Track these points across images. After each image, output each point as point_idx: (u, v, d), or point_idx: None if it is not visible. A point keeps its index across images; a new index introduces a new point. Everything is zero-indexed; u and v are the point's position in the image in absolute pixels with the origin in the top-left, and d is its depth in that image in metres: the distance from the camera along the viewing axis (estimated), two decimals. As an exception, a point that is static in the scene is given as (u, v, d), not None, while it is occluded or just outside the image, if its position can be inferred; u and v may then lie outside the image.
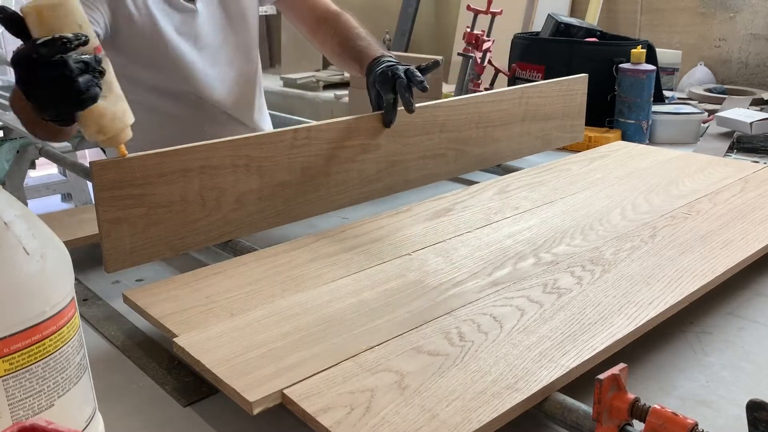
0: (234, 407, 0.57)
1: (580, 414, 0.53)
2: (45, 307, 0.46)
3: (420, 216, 0.95)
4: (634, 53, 1.49)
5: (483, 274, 0.76)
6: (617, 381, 0.50)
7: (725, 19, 2.32)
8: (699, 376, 0.65)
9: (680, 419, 0.47)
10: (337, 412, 0.52)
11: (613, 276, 0.74)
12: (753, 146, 1.46)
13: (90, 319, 0.79)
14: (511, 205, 0.98)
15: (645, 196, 1.00)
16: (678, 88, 2.19)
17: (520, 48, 1.74)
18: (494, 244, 0.84)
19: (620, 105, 1.52)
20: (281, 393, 0.55)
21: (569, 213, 0.94)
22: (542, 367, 0.58)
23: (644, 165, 1.17)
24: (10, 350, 0.44)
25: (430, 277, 0.75)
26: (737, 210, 0.93)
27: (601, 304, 0.68)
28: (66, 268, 0.49)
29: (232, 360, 0.59)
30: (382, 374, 0.57)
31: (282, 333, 0.64)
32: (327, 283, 0.75)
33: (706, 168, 1.14)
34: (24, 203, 1.09)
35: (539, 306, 0.68)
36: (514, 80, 1.73)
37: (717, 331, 0.73)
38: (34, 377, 0.46)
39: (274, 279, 0.76)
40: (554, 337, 0.62)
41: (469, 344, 0.61)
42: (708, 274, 0.74)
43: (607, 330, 0.63)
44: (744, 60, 2.30)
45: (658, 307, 0.68)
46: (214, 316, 0.68)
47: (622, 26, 2.58)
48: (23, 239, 0.45)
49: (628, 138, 1.49)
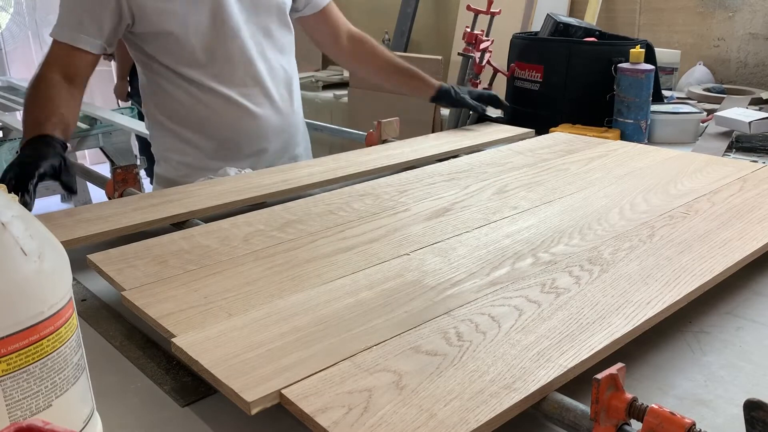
0: (232, 407, 0.57)
1: (578, 414, 0.53)
2: (43, 308, 0.46)
3: (418, 216, 0.95)
4: (632, 53, 1.49)
5: (481, 274, 0.76)
6: (615, 380, 0.50)
7: (724, 18, 2.32)
8: (697, 375, 0.65)
9: (678, 419, 0.47)
10: (335, 412, 0.52)
11: (611, 276, 0.74)
12: (752, 146, 1.46)
13: (88, 319, 0.79)
14: (509, 205, 0.98)
15: (643, 196, 1.00)
16: (677, 88, 2.19)
17: (519, 48, 1.74)
18: (492, 244, 0.84)
19: (619, 105, 1.52)
20: (279, 393, 0.55)
21: (568, 213, 0.94)
22: (540, 366, 0.58)
23: (643, 164, 1.17)
24: (8, 351, 0.44)
25: (429, 277, 0.75)
26: (736, 209, 0.93)
27: (600, 303, 0.68)
28: (64, 269, 0.49)
29: (231, 360, 0.59)
30: (380, 374, 0.57)
31: (280, 333, 0.64)
32: (325, 283, 0.75)
33: (705, 167, 1.14)
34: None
35: (537, 306, 0.68)
36: (513, 80, 1.73)
37: (715, 330, 0.73)
38: (31, 378, 0.46)
39: (272, 279, 0.76)
40: (552, 337, 0.62)
41: (467, 344, 0.61)
42: (706, 274, 0.74)
43: (605, 330, 0.63)
44: (743, 59, 2.30)
45: (656, 306, 0.68)
46: (212, 316, 0.68)
47: (621, 26, 2.58)
48: (21, 240, 0.45)
49: (627, 138, 1.49)
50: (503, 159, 1.24)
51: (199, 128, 1.38)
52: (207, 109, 1.36)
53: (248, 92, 1.38)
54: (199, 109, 1.36)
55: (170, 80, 1.34)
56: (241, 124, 1.39)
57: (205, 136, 1.38)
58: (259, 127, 1.40)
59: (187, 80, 1.33)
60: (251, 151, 1.42)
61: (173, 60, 1.31)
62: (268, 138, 1.43)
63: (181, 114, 1.37)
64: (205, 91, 1.34)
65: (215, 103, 1.35)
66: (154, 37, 1.29)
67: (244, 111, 1.38)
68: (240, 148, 1.40)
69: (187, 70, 1.32)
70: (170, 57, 1.31)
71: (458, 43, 2.60)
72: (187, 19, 1.27)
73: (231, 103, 1.36)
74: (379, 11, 3.52)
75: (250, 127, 1.40)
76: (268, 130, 1.42)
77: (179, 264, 0.81)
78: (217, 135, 1.38)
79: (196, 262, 0.81)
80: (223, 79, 1.35)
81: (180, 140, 1.40)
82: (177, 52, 1.30)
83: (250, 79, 1.37)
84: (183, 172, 1.38)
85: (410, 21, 3.27)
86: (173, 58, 1.31)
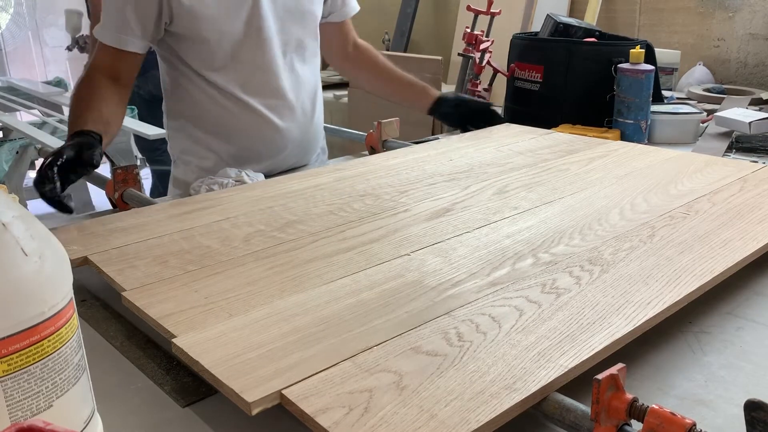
0: (233, 408, 0.57)
1: (579, 414, 0.53)
2: (43, 308, 0.46)
3: (419, 216, 0.95)
4: (632, 53, 1.49)
5: (482, 274, 0.76)
6: (615, 381, 0.50)
7: (724, 18, 2.32)
8: (697, 375, 0.65)
9: (678, 419, 0.47)
10: (336, 412, 0.52)
11: (611, 276, 0.74)
12: (752, 146, 1.46)
13: (88, 319, 0.79)
14: (510, 206, 0.98)
15: (644, 196, 1.00)
16: (677, 88, 2.19)
17: (519, 48, 1.74)
18: (493, 245, 0.84)
19: (619, 105, 1.52)
20: (280, 393, 0.55)
21: (568, 213, 0.94)
22: (541, 367, 0.58)
23: (643, 165, 1.17)
24: (9, 351, 0.44)
25: (429, 277, 0.75)
26: (736, 210, 0.93)
27: (600, 304, 0.68)
28: (64, 269, 0.49)
29: (231, 360, 0.59)
30: (381, 374, 0.57)
31: (281, 333, 0.64)
32: (326, 283, 0.75)
33: (705, 168, 1.14)
34: (24, 204, 1.09)
35: (538, 306, 0.68)
36: (513, 80, 1.73)
37: (716, 330, 0.73)
38: (32, 378, 0.46)
39: (272, 279, 0.76)
40: (553, 337, 0.62)
41: (467, 344, 0.61)
42: (706, 274, 0.74)
43: (605, 330, 0.63)
44: (743, 60, 2.30)
45: (657, 306, 0.68)
46: (212, 316, 0.68)
47: (621, 26, 2.58)
48: (21, 240, 0.45)
49: (627, 138, 1.49)
50: (503, 159, 1.24)
51: (220, 133, 1.38)
52: (229, 116, 1.35)
53: (272, 104, 1.38)
54: (221, 115, 1.35)
55: (195, 83, 1.34)
56: (262, 134, 1.39)
57: (225, 141, 1.38)
58: (279, 138, 1.41)
59: (212, 85, 1.33)
60: (270, 160, 1.42)
61: (202, 63, 1.31)
62: (288, 148, 1.43)
63: (203, 118, 1.37)
64: (229, 98, 1.34)
65: (238, 110, 1.35)
66: (187, 38, 1.28)
67: (266, 121, 1.38)
68: (259, 156, 1.40)
69: (214, 75, 1.32)
70: (199, 60, 1.31)
71: (458, 44, 2.60)
72: (222, 24, 1.27)
73: (254, 112, 1.36)
74: (379, 11, 3.52)
75: (271, 137, 1.40)
76: (289, 142, 1.43)
77: (180, 264, 0.81)
78: (237, 142, 1.38)
79: (196, 262, 0.81)
80: (249, 89, 1.35)
81: (199, 144, 1.40)
82: (207, 56, 1.30)
83: (276, 91, 1.37)
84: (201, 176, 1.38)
85: (410, 21, 3.27)
86: (202, 61, 1.31)
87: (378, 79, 1.58)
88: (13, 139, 2.70)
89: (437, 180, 1.12)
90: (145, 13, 1.23)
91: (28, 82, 3.74)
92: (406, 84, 1.55)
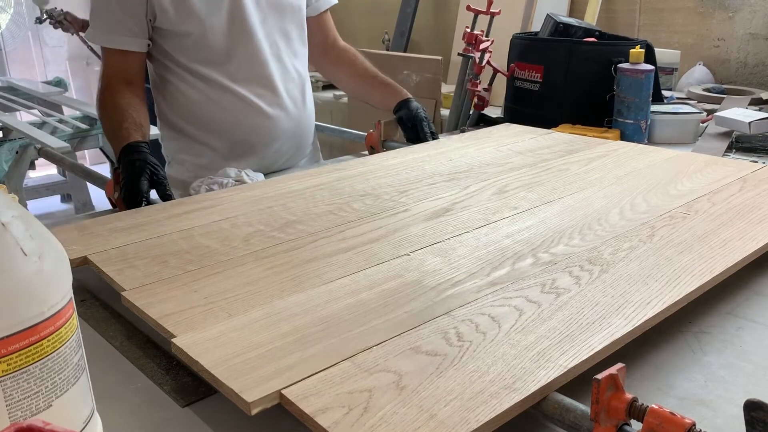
0: (232, 408, 0.57)
1: (578, 414, 0.53)
2: (43, 308, 0.46)
3: (418, 216, 0.95)
4: (632, 53, 1.49)
5: (481, 274, 0.76)
6: (615, 381, 0.50)
7: (724, 18, 2.32)
8: (697, 375, 0.65)
9: (678, 419, 0.47)
10: (335, 412, 0.52)
11: (611, 276, 0.74)
12: (752, 146, 1.46)
13: (88, 319, 0.79)
14: (509, 206, 0.98)
15: (643, 196, 1.00)
16: (677, 88, 2.19)
17: (519, 48, 1.74)
18: (492, 245, 0.84)
19: (619, 105, 1.52)
20: (279, 393, 0.55)
21: (567, 213, 0.94)
22: (540, 367, 0.58)
23: (643, 165, 1.17)
24: (8, 351, 0.44)
25: (429, 277, 0.75)
26: (736, 210, 0.93)
27: (600, 304, 0.68)
28: (64, 269, 0.49)
29: (231, 360, 0.59)
30: (380, 374, 0.57)
31: (280, 333, 0.64)
32: (325, 283, 0.75)
33: (705, 168, 1.14)
34: (23, 204, 1.09)
35: (537, 306, 0.68)
36: (513, 80, 1.73)
37: (715, 330, 0.73)
38: (31, 378, 0.46)
39: (272, 279, 0.76)
40: (552, 337, 0.62)
41: (467, 344, 0.61)
42: (706, 274, 0.74)
43: (605, 330, 0.63)
44: (743, 60, 2.30)
45: (657, 306, 0.68)
46: (212, 316, 0.68)
47: (621, 26, 2.58)
48: (21, 240, 0.45)
49: (626, 138, 1.49)
50: (503, 159, 1.24)
51: (212, 128, 1.39)
52: (220, 109, 1.37)
53: (261, 93, 1.39)
54: (212, 108, 1.37)
55: (184, 79, 1.35)
56: (254, 124, 1.40)
57: (218, 136, 1.39)
58: (271, 127, 1.42)
59: (201, 78, 1.35)
60: (264, 152, 1.43)
61: (189, 57, 1.33)
62: (281, 139, 1.44)
63: (194, 114, 1.38)
64: (218, 90, 1.36)
65: (229, 102, 1.37)
66: (172, 34, 1.30)
67: (257, 110, 1.39)
68: (253, 149, 1.41)
69: (202, 68, 1.34)
70: (186, 55, 1.33)
71: (458, 43, 2.59)
72: (205, 18, 1.29)
73: (244, 102, 1.38)
74: (379, 11, 3.52)
75: (263, 127, 1.41)
76: (281, 131, 1.44)
77: (179, 264, 0.81)
78: (230, 135, 1.39)
79: (196, 262, 0.81)
80: (238, 79, 1.36)
81: (194, 141, 1.41)
82: (193, 50, 1.32)
83: (264, 80, 1.39)
84: (197, 174, 1.38)
85: (410, 21, 3.27)
86: (189, 55, 1.33)
87: (353, 79, 1.59)
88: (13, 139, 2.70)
89: (437, 180, 1.12)
90: (137, 11, 1.26)
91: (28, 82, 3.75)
92: (379, 83, 1.54)
